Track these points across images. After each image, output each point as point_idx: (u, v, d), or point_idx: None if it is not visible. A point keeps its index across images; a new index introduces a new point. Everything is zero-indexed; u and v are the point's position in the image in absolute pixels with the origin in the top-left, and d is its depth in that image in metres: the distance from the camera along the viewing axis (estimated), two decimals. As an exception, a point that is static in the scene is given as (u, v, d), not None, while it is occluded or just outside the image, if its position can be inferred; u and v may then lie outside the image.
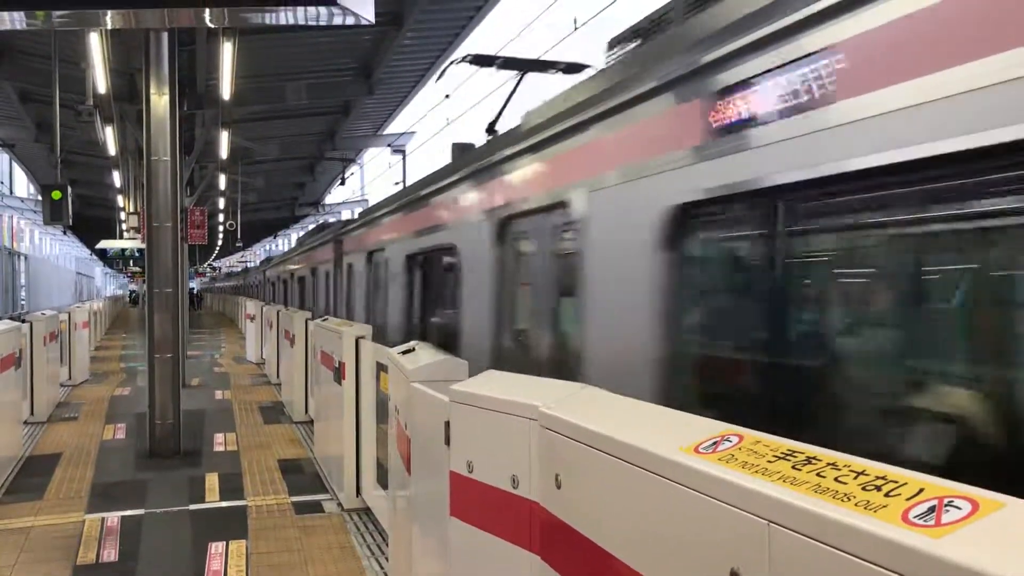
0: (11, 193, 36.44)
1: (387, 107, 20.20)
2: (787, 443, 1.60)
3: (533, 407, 2.35)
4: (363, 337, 6.25)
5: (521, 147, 5.15)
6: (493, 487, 2.53)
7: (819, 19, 2.59)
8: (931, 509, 1.17)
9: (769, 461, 1.51)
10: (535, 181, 4.97)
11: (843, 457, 1.45)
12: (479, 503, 2.62)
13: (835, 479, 1.36)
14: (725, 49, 3.03)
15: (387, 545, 4.99)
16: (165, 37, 8.61)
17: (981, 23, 2.07)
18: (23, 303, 34.18)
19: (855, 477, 1.34)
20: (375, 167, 35.09)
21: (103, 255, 34.31)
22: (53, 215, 11.87)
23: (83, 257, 67.39)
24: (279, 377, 12.41)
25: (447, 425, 2.86)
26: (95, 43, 10.00)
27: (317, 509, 6.26)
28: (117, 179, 21.05)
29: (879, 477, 1.32)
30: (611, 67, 4.52)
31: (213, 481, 7.12)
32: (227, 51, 10.78)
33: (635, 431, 1.91)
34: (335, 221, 18.52)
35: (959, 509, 1.15)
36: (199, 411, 10.65)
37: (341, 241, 12.91)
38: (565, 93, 4.91)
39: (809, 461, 1.46)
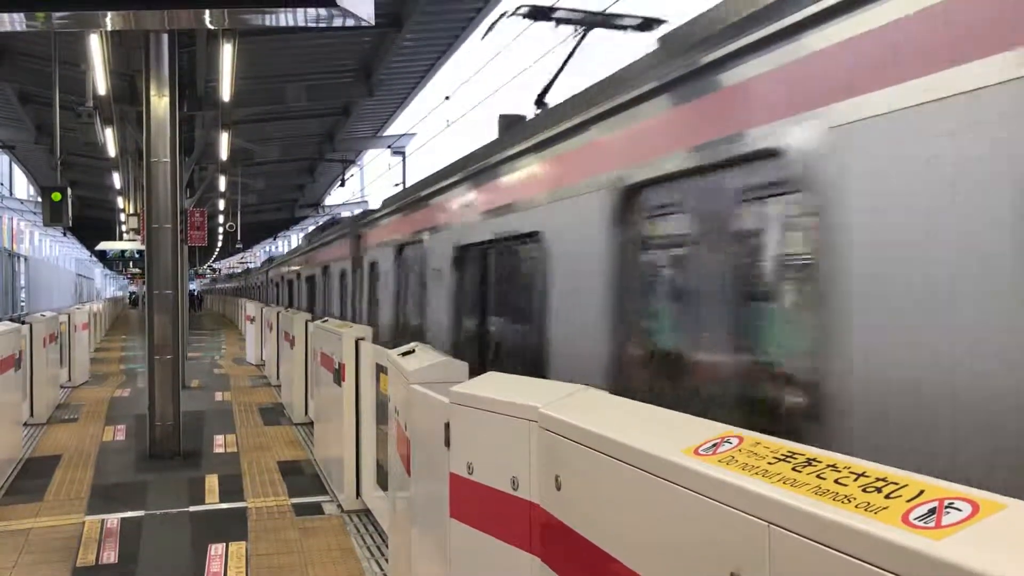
0: (11, 195, 36.48)
1: (387, 108, 20.22)
2: (787, 445, 1.60)
3: (533, 408, 2.35)
4: (363, 339, 6.26)
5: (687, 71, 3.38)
6: (493, 488, 2.53)
7: None
8: (931, 511, 1.17)
9: (769, 463, 1.51)
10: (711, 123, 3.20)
11: (843, 459, 1.45)
12: (479, 504, 2.62)
13: (835, 481, 1.36)
14: None
15: (387, 547, 4.99)
16: (165, 38, 8.62)
17: None
18: (23, 304, 34.19)
19: (855, 479, 1.34)
20: (375, 168, 35.12)
21: (103, 257, 34.39)
22: (53, 217, 11.88)
23: (83, 259, 67.43)
24: (279, 379, 12.41)
25: (447, 426, 2.86)
26: (95, 45, 10.01)
27: (317, 511, 6.26)
28: (117, 181, 21.07)
29: (879, 479, 1.32)
30: None
31: (213, 483, 7.12)
32: (227, 52, 10.79)
33: (635, 433, 1.91)
34: (351, 215, 16.00)
35: (959, 511, 1.15)
36: (199, 412, 10.64)
37: (361, 235, 11.28)
38: None
39: (809, 463, 1.46)
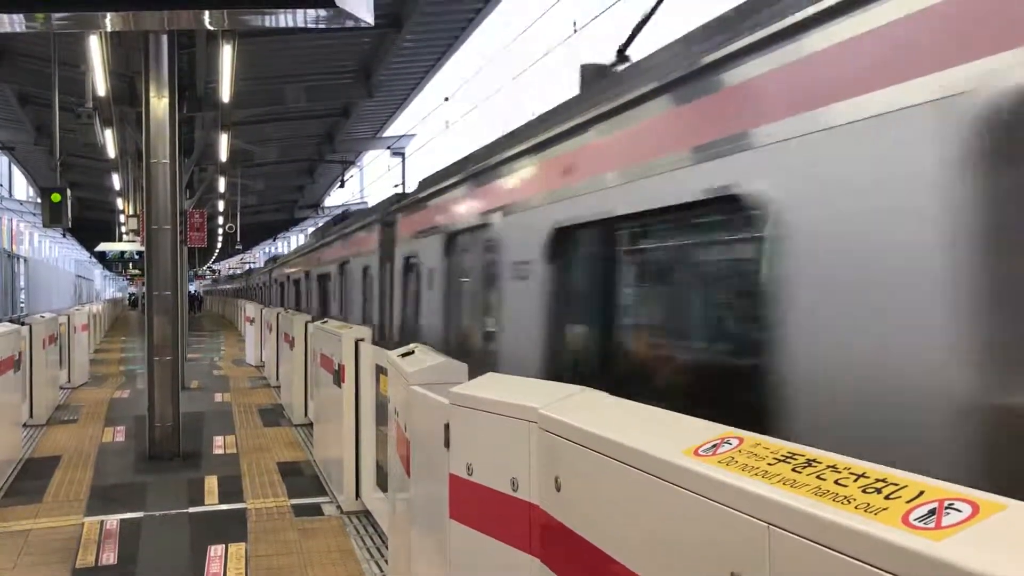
0: (10, 196, 36.48)
1: (387, 109, 20.23)
2: (787, 445, 1.59)
3: (533, 409, 2.35)
4: (362, 339, 6.26)
5: None
6: (493, 490, 2.52)
7: None
8: (931, 511, 1.17)
9: (769, 464, 1.51)
10: None
11: (844, 459, 1.45)
12: (479, 506, 2.62)
13: (835, 482, 1.35)
14: None
15: (386, 548, 4.99)
16: (164, 39, 8.62)
17: None
18: (22, 306, 34.18)
19: (855, 479, 1.34)
20: (375, 169, 35.10)
21: (102, 258, 34.36)
22: (52, 218, 11.89)
23: (82, 260, 67.41)
24: (278, 380, 12.40)
25: (447, 427, 2.86)
26: (94, 46, 10.01)
27: (316, 512, 6.25)
28: (116, 182, 21.08)
29: (879, 479, 1.32)
30: None
31: (212, 484, 7.12)
32: (226, 53, 10.80)
33: (635, 434, 1.90)
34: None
35: (959, 511, 1.15)
36: (198, 414, 10.64)
37: (394, 222, 9.11)
38: None
39: (809, 464, 1.46)
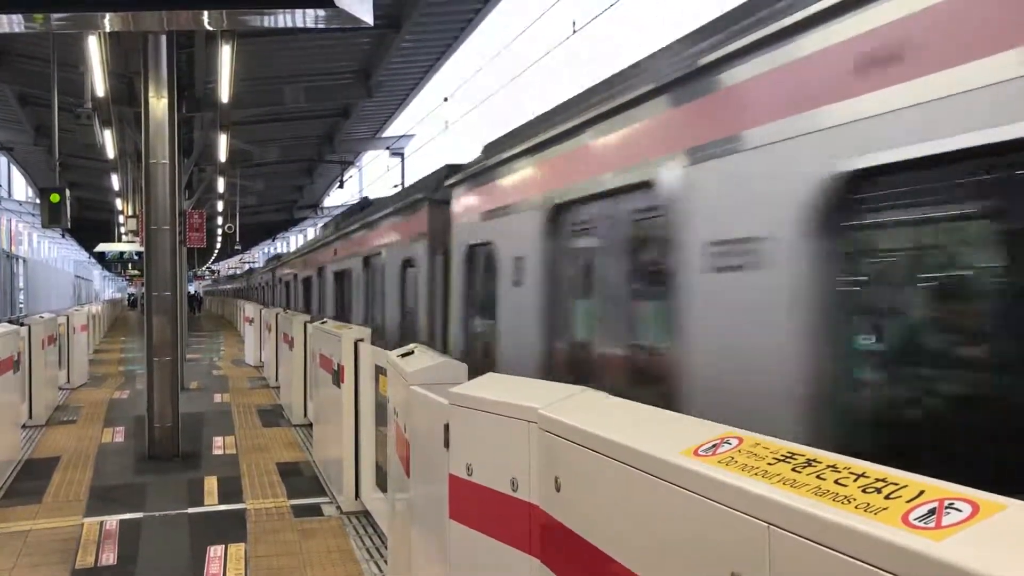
0: (9, 196, 36.46)
1: (386, 110, 20.23)
2: (787, 445, 1.59)
3: (532, 410, 2.35)
4: (362, 340, 6.25)
5: None
6: (492, 490, 2.52)
7: None
8: (931, 511, 1.17)
9: (769, 463, 1.51)
10: None
11: (843, 459, 1.45)
12: (478, 506, 2.62)
13: (835, 481, 1.35)
14: None
15: (386, 548, 4.99)
16: (164, 40, 8.62)
17: None
18: (21, 306, 34.17)
19: (855, 479, 1.34)
20: (374, 170, 35.11)
21: (101, 258, 34.33)
22: (51, 218, 11.88)
23: (81, 260, 67.37)
24: (278, 380, 12.40)
25: (446, 428, 2.86)
26: (93, 46, 10.01)
27: (316, 512, 6.25)
28: (115, 182, 21.07)
29: (879, 479, 1.32)
30: None
31: (212, 484, 7.11)
32: (225, 54, 10.79)
33: (635, 434, 1.90)
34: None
35: (959, 511, 1.15)
36: (198, 414, 10.63)
37: (448, 202, 7.21)
38: None
39: (809, 463, 1.46)
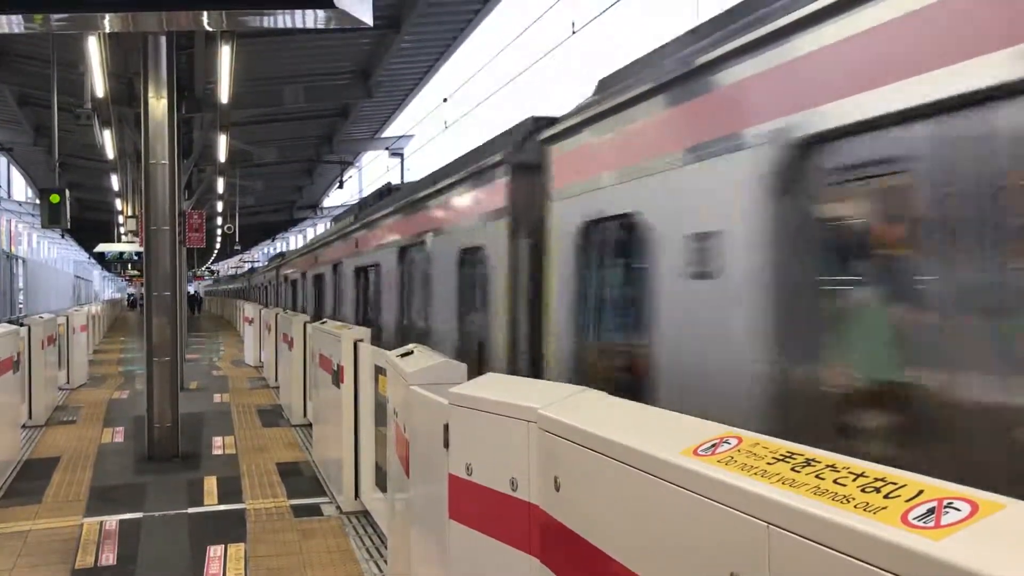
0: (9, 197, 36.48)
1: (385, 110, 20.24)
2: (786, 445, 1.60)
3: (532, 410, 2.35)
4: (361, 340, 6.25)
5: None
6: (492, 490, 2.52)
7: None
8: (931, 511, 1.17)
9: (768, 463, 1.51)
10: None
11: (842, 459, 1.45)
12: (478, 506, 2.62)
13: (834, 481, 1.36)
14: None
15: (386, 548, 4.99)
16: (163, 40, 8.62)
17: None
18: (21, 306, 34.16)
19: (854, 479, 1.34)
20: (373, 170, 35.14)
21: (101, 258, 34.32)
22: (51, 218, 11.88)
23: (81, 260, 67.38)
24: (277, 380, 12.40)
25: (446, 428, 2.86)
26: (93, 47, 10.01)
27: (316, 512, 6.25)
28: (115, 183, 21.07)
29: (878, 479, 1.32)
30: None
31: (212, 484, 7.11)
32: (225, 54, 10.79)
33: (634, 433, 1.90)
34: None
35: (959, 511, 1.15)
36: (198, 414, 10.63)
37: (528, 168, 5.34)
38: None
39: (808, 463, 1.46)
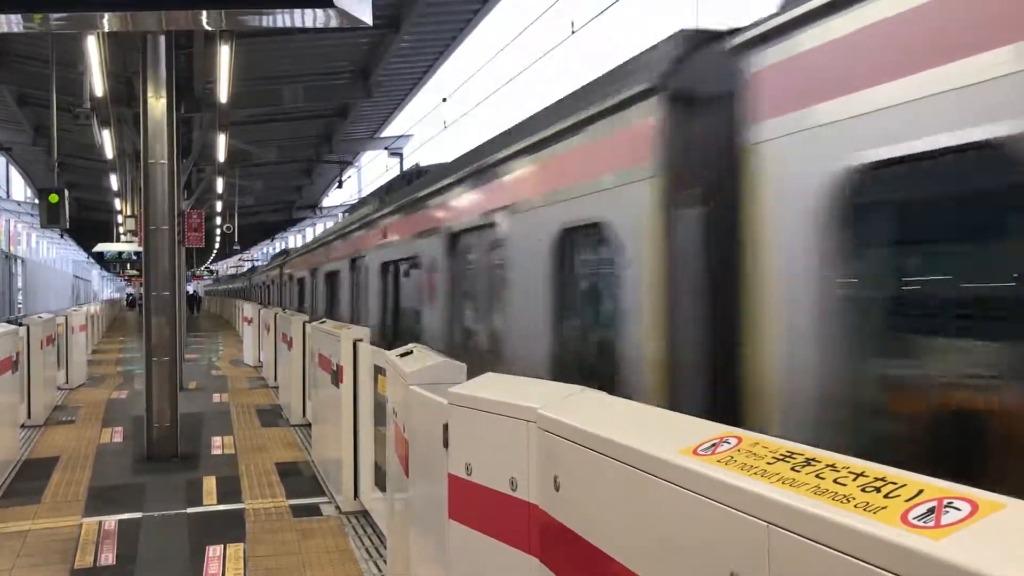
0: (8, 196, 36.45)
1: (384, 110, 20.23)
2: (786, 444, 1.59)
3: (531, 409, 2.35)
4: (361, 340, 6.25)
5: None
6: (492, 489, 2.52)
7: None
8: (931, 510, 1.17)
9: (768, 463, 1.51)
10: None
11: (842, 458, 1.45)
12: (478, 505, 2.62)
13: (834, 480, 1.35)
14: None
15: (385, 548, 4.98)
16: (162, 40, 8.61)
17: None
18: (20, 306, 34.13)
19: (854, 479, 1.34)
20: (372, 170, 35.14)
21: (100, 258, 34.29)
22: (50, 218, 11.87)
23: (80, 260, 67.33)
24: (276, 380, 12.39)
25: (445, 428, 2.86)
26: (92, 46, 10.00)
27: (315, 512, 6.25)
28: (114, 182, 21.06)
29: (878, 478, 1.32)
30: None
31: (211, 484, 7.11)
32: (224, 54, 10.78)
33: (634, 433, 1.90)
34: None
35: (959, 510, 1.15)
36: (197, 414, 10.63)
37: (695, 101, 3.26)
38: None
39: (808, 463, 1.46)
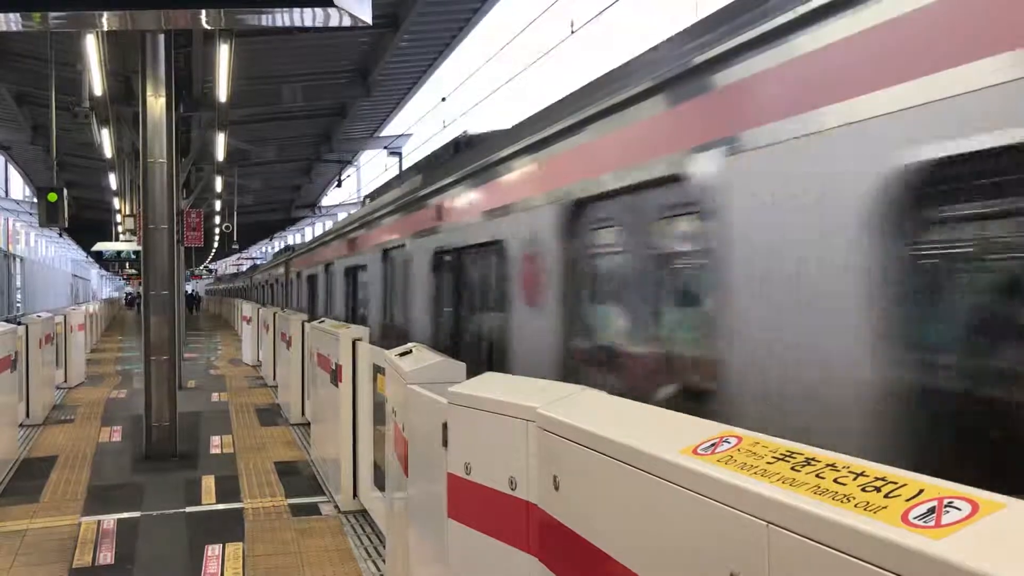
0: (7, 195, 36.43)
1: (384, 109, 20.21)
2: (786, 444, 1.59)
3: (531, 409, 2.35)
4: (360, 339, 6.25)
5: None
6: (491, 489, 2.52)
7: None
8: (931, 510, 1.17)
9: (768, 462, 1.51)
10: None
11: (842, 458, 1.45)
12: (477, 505, 2.62)
13: (834, 480, 1.35)
14: None
15: (384, 547, 4.98)
16: (161, 39, 8.60)
17: None
18: (19, 306, 34.10)
19: (854, 478, 1.34)
20: (372, 169, 35.15)
21: (99, 257, 34.27)
22: (49, 217, 11.88)
23: (79, 259, 67.29)
24: (275, 379, 12.39)
25: (445, 427, 2.86)
26: (91, 45, 9.98)
27: (314, 511, 6.25)
28: (113, 181, 21.02)
29: (878, 478, 1.32)
30: None
31: (210, 483, 7.11)
32: (223, 53, 10.77)
33: (633, 432, 1.90)
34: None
35: (959, 510, 1.15)
36: (195, 413, 10.63)
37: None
38: None
39: (808, 462, 1.46)
